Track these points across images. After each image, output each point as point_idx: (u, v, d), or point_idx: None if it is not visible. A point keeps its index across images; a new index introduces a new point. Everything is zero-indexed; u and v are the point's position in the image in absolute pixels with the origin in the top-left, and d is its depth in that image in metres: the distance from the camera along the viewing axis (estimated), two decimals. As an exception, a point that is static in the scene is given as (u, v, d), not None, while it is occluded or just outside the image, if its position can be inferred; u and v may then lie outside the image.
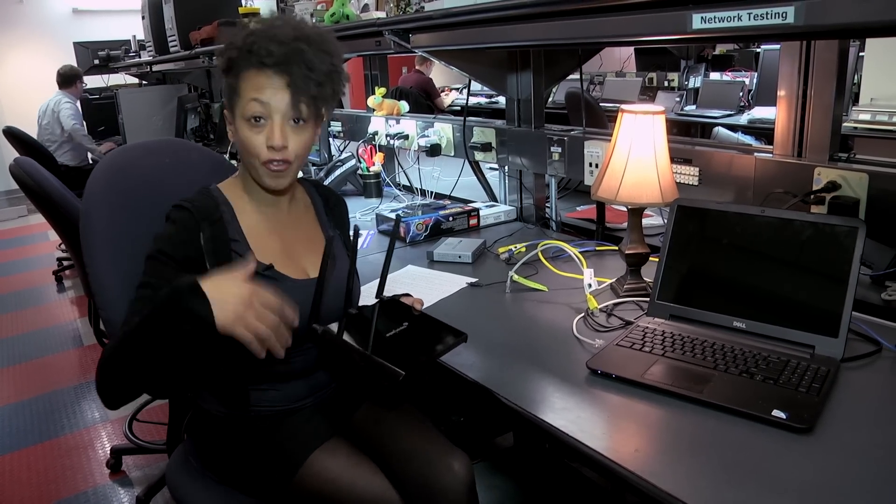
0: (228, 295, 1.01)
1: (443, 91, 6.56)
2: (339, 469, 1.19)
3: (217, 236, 1.20)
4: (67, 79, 5.50)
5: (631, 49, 5.93)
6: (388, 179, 2.91)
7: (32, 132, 5.25)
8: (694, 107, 4.86)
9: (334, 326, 1.17)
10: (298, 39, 1.17)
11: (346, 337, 1.15)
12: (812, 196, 1.42)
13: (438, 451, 1.21)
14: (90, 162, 5.22)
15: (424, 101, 5.88)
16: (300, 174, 1.33)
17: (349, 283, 1.24)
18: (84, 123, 5.43)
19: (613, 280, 1.62)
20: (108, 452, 2.52)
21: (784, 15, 1.01)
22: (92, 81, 6.44)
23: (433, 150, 2.61)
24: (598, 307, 1.49)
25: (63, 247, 5.00)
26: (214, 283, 1.01)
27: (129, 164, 1.40)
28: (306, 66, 1.16)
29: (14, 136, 5.22)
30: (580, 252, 1.67)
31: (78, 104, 5.52)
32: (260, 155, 1.18)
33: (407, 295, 1.29)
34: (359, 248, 2.08)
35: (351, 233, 1.27)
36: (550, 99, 5.26)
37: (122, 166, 1.38)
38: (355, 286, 1.32)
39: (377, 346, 1.13)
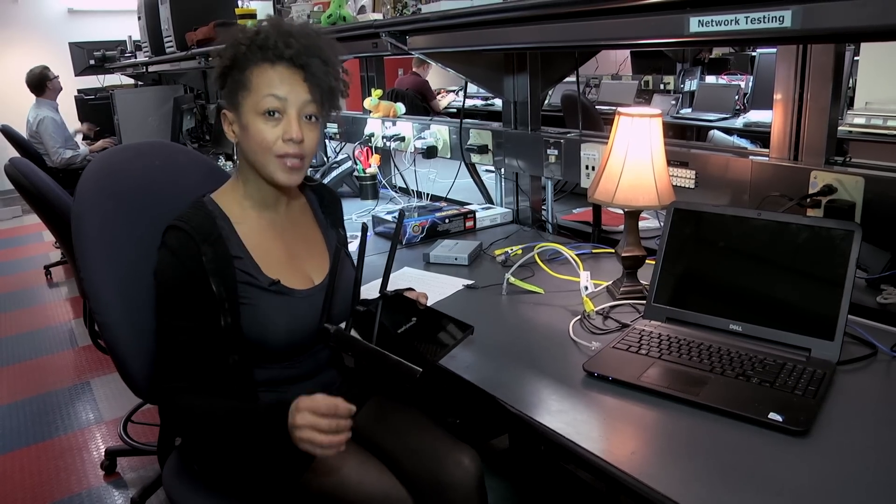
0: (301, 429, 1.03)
1: (438, 93, 6.56)
2: (346, 468, 1.19)
3: (219, 256, 1.18)
4: (36, 84, 5.19)
5: (627, 52, 5.94)
6: (384, 181, 2.91)
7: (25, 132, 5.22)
8: (690, 110, 4.87)
9: (344, 325, 1.17)
10: (312, 36, 1.19)
11: (355, 335, 1.14)
12: (808, 199, 1.43)
13: (446, 446, 1.22)
14: (85, 161, 5.17)
15: (420, 103, 5.88)
16: None
17: (357, 281, 1.23)
18: (67, 132, 5.18)
19: (610, 283, 1.62)
20: (103, 454, 2.51)
21: (781, 19, 1.01)
22: (87, 82, 6.41)
23: (429, 152, 2.61)
24: (595, 310, 1.49)
25: (58, 245, 4.96)
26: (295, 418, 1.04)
27: (120, 166, 1.39)
28: (322, 60, 1.17)
29: (9, 135, 5.19)
30: (576, 254, 1.67)
31: (57, 107, 5.26)
32: (275, 149, 1.17)
33: (410, 289, 1.29)
34: (355, 249, 2.08)
35: (352, 232, 1.27)
36: (546, 101, 5.27)
37: (112, 169, 1.37)
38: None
39: (390, 343, 1.12)
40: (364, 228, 1.22)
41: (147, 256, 1.24)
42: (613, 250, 1.62)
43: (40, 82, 5.18)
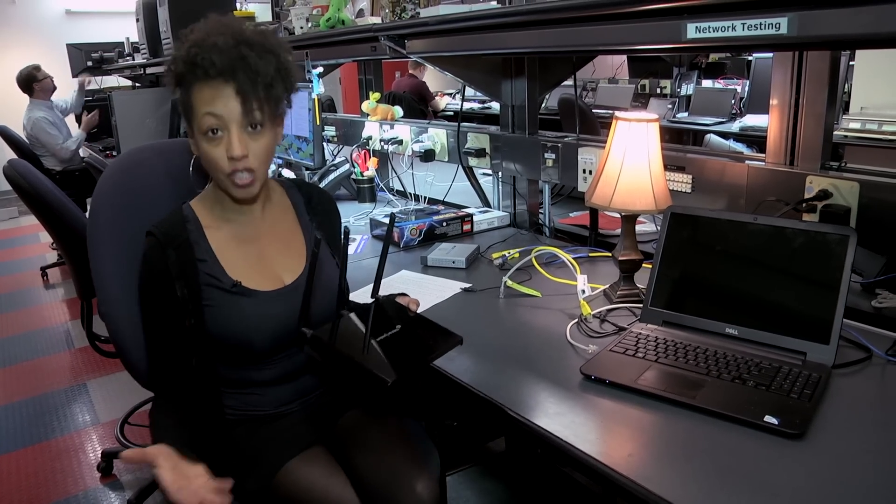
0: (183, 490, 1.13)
1: (436, 95, 6.58)
2: (314, 478, 1.18)
3: (183, 259, 1.22)
4: (24, 85, 5.18)
5: (624, 56, 5.95)
6: (381, 184, 2.91)
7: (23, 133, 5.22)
8: (686, 114, 4.89)
9: (322, 330, 1.16)
10: (240, 44, 1.16)
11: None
12: (804, 204, 1.44)
13: (405, 471, 1.18)
14: (82, 162, 5.18)
15: (418, 105, 5.89)
16: (290, 175, 1.33)
17: (340, 286, 1.23)
18: (66, 127, 5.24)
19: (607, 286, 1.63)
20: (100, 456, 2.51)
21: (777, 26, 1.02)
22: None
23: (427, 156, 2.61)
24: (592, 313, 1.50)
25: (55, 246, 4.96)
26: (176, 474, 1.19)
27: (140, 164, 1.43)
28: (251, 71, 1.16)
29: (6, 136, 5.19)
30: (573, 258, 1.68)
31: (52, 105, 5.28)
32: (223, 168, 1.19)
33: (403, 294, 1.29)
34: (352, 252, 2.08)
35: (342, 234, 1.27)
36: (543, 105, 5.27)
37: (131, 166, 1.42)
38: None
39: (368, 350, 1.11)
40: (346, 231, 1.22)
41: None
42: (610, 254, 1.63)
43: (27, 83, 5.17)
